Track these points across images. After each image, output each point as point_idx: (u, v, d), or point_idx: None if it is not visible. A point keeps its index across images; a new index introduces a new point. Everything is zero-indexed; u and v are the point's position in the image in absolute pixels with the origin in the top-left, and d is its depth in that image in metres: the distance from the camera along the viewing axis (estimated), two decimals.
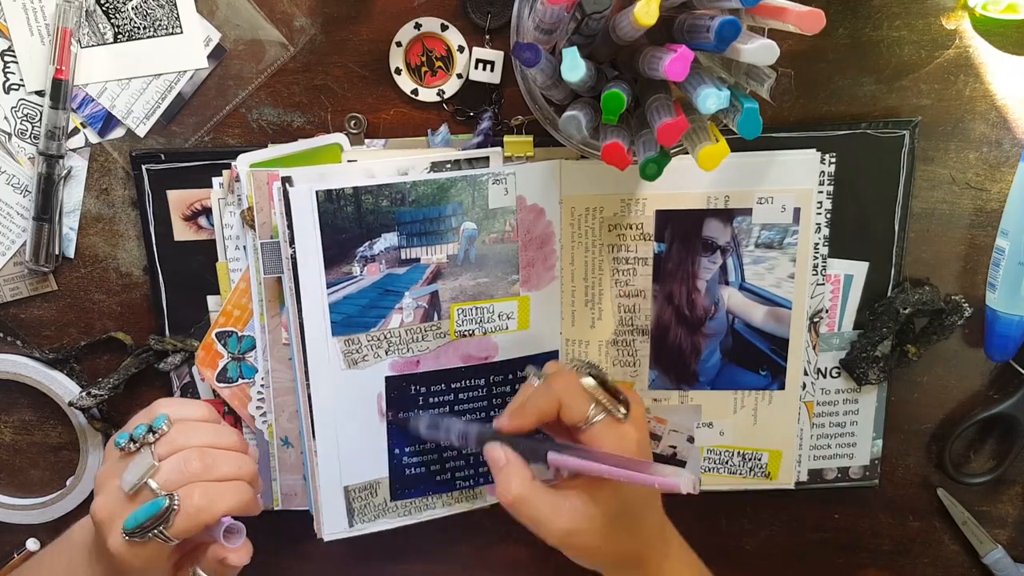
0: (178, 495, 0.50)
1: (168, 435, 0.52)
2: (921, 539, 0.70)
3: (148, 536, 0.49)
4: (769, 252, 0.62)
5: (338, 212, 0.58)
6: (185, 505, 0.49)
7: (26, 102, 0.60)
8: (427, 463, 0.64)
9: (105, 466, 0.54)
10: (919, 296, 0.62)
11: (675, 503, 0.69)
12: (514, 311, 0.62)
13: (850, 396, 0.66)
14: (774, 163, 0.60)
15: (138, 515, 0.49)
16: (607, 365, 0.64)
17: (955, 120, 0.61)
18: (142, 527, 0.49)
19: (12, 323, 0.65)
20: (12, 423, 0.68)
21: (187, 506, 0.50)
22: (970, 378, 0.66)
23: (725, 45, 0.44)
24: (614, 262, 0.62)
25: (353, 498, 0.63)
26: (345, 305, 0.59)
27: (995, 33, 0.59)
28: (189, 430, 0.53)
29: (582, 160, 0.61)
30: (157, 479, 0.50)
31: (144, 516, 0.49)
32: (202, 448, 0.52)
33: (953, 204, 0.62)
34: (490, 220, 0.60)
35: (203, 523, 0.50)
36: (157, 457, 0.51)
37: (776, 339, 0.63)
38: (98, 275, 0.64)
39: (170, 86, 0.60)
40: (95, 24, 0.59)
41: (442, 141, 0.61)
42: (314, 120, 0.61)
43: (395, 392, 0.62)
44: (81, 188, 0.62)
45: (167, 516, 0.49)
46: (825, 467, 0.67)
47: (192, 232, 0.62)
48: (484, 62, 0.59)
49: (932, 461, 0.68)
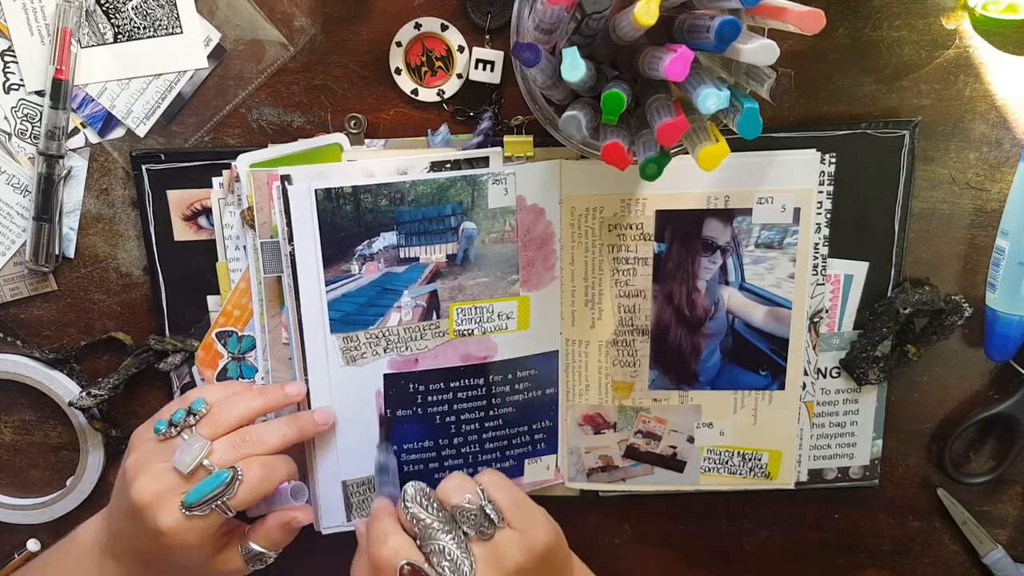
0: (240, 468, 0.53)
1: (209, 416, 0.56)
2: (921, 539, 0.70)
3: (211, 508, 0.53)
4: (769, 252, 0.62)
5: (337, 211, 0.58)
6: (248, 476, 0.53)
7: (26, 102, 0.60)
8: (425, 460, 0.64)
9: (136, 454, 0.56)
10: (919, 296, 0.62)
11: (675, 503, 0.69)
12: (514, 311, 0.62)
13: (850, 396, 0.66)
14: (774, 163, 0.60)
15: (202, 487, 0.53)
16: (607, 365, 0.64)
17: (955, 120, 0.61)
18: (205, 500, 0.52)
19: (12, 323, 0.65)
20: (12, 423, 0.68)
21: (250, 477, 0.54)
22: (970, 378, 0.66)
23: (725, 45, 0.44)
24: (614, 262, 0.62)
25: (351, 493, 0.63)
26: (344, 303, 0.59)
27: (995, 33, 0.59)
28: (227, 407, 0.56)
29: (582, 160, 0.61)
30: (212, 459, 0.54)
31: (208, 488, 0.52)
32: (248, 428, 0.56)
33: (953, 204, 0.62)
34: (490, 220, 0.60)
35: (263, 493, 0.54)
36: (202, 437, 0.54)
37: (776, 339, 0.63)
38: (98, 275, 0.64)
39: (170, 86, 0.60)
40: (95, 24, 0.59)
41: (442, 141, 0.61)
42: (314, 120, 0.61)
43: (393, 390, 0.62)
44: (81, 188, 0.62)
45: (231, 487, 0.53)
46: (825, 467, 0.67)
47: (192, 232, 0.62)
48: (484, 62, 0.59)
49: (932, 461, 0.68)
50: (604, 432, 0.66)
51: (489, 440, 0.65)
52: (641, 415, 0.65)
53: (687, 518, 0.70)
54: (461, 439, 0.64)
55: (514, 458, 0.66)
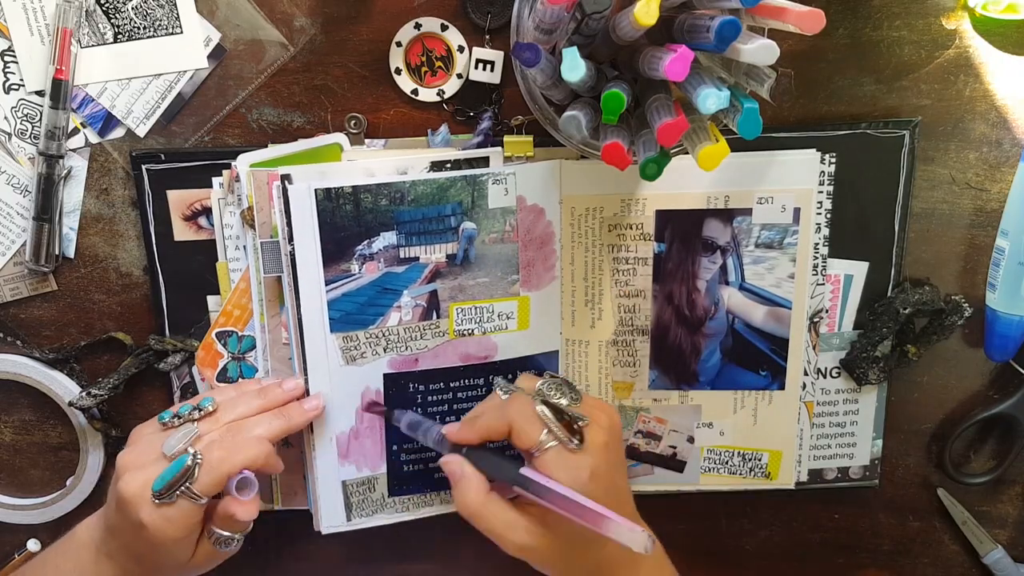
0: (199, 451, 0.53)
1: (213, 414, 0.57)
2: (921, 539, 0.70)
3: (176, 494, 0.52)
4: (769, 252, 0.62)
5: (337, 210, 0.58)
6: (207, 458, 0.53)
7: (26, 102, 0.60)
8: (425, 460, 0.64)
9: (131, 448, 0.56)
10: (919, 296, 0.62)
11: (675, 503, 0.69)
12: (514, 311, 0.62)
13: (850, 396, 0.66)
14: (774, 163, 0.60)
15: (164, 475, 0.52)
16: (607, 365, 0.64)
17: (955, 120, 0.61)
18: (169, 486, 0.52)
19: (12, 323, 0.65)
20: (12, 423, 0.68)
21: (208, 459, 0.53)
22: (970, 378, 0.66)
23: (725, 45, 0.44)
24: (614, 262, 0.62)
25: (351, 492, 0.63)
26: (343, 302, 0.59)
27: (995, 33, 0.59)
28: (231, 406, 0.57)
29: (582, 160, 0.61)
30: (196, 445, 0.54)
31: (170, 475, 0.52)
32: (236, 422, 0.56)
33: (953, 204, 0.62)
34: (490, 220, 0.60)
35: (225, 474, 0.54)
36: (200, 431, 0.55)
37: (776, 339, 0.63)
38: (98, 275, 0.64)
39: (170, 86, 0.60)
40: (95, 24, 0.59)
41: (442, 141, 0.61)
42: (314, 120, 0.61)
43: (393, 389, 0.62)
44: (81, 188, 0.62)
45: (193, 471, 0.52)
46: (825, 467, 0.67)
47: (192, 232, 0.62)
48: (484, 62, 0.59)
49: (932, 461, 0.68)
50: None
51: None
52: (641, 415, 0.65)
53: (687, 518, 0.70)
54: None
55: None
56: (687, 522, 0.70)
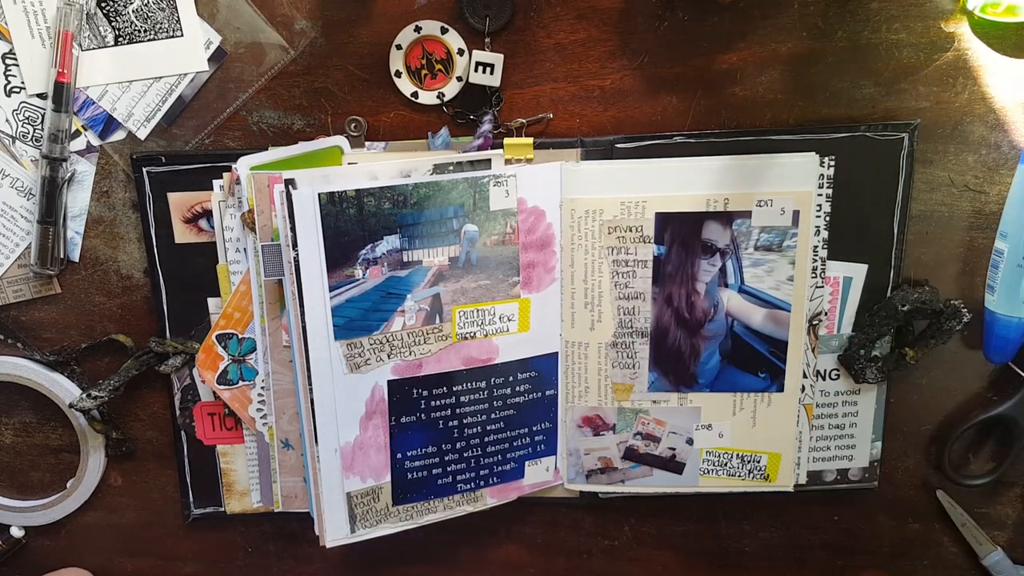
0: None
1: None
2: (920, 541, 0.70)
3: None
4: (768, 254, 0.62)
5: (340, 214, 0.58)
6: None
7: (28, 105, 0.60)
8: (429, 467, 0.64)
9: None
10: (918, 295, 0.62)
11: (674, 505, 0.69)
12: (515, 313, 0.62)
13: (849, 398, 0.66)
14: (773, 166, 0.60)
15: None
16: (607, 367, 0.64)
17: (954, 123, 0.61)
18: None
19: (13, 325, 0.65)
20: (13, 425, 0.69)
21: None
22: (969, 380, 0.66)
23: None
24: (614, 264, 0.63)
25: (355, 504, 0.63)
26: (347, 308, 0.59)
27: (994, 36, 0.59)
28: None
29: (583, 163, 0.61)
30: None
31: None
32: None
33: (952, 206, 0.63)
34: (491, 222, 0.60)
35: None
36: None
37: (775, 341, 0.63)
38: (99, 277, 0.64)
39: (171, 89, 0.60)
40: (96, 27, 0.59)
41: (442, 144, 0.61)
42: (314, 123, 0.61)
43: (397, 396, 0.62)
44: (87, 193, 0.62)
45: None
46: (824, 469, 0.67)
47: (193, 234, 0.62)
48: (484, 65, 0.59)
49: (931, 463, 0.68)
50: (603, 434, 0.66)
51: (491, 443, 0.65)
52: (640, 417, 0.66)
53: (686, 520, 0.70)
54: (464, 443, 0.64)
55: (515, 460, 0.66)
56: (686, 524, 0.71)
